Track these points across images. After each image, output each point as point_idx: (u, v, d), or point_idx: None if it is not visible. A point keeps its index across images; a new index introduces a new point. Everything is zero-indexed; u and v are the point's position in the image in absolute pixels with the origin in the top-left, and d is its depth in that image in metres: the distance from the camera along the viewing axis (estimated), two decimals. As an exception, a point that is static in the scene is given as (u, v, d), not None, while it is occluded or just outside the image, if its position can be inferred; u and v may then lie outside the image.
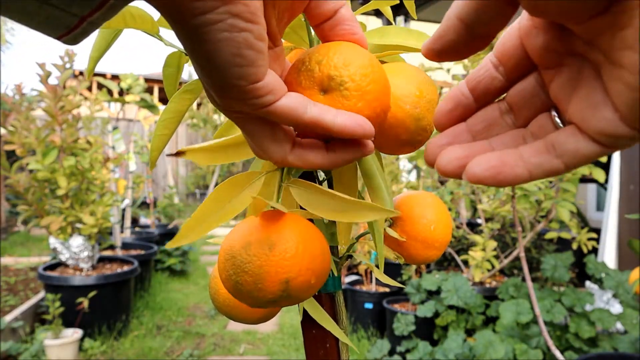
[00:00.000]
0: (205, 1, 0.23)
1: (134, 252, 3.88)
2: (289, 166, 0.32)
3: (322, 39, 0.32)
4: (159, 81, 8.19)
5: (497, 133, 0.28)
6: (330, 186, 0.44)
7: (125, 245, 4.06)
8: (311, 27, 0.33)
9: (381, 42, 0.39)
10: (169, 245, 0.38)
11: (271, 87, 0.27)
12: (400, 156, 3.44)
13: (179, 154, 0.40)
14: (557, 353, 1.73)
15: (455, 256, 2.96)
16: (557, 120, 0.26)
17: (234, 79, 0.26)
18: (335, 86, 0.31)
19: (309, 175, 0.43)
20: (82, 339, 2.70)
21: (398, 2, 0.42)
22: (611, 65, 0.22)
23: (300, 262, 0.31)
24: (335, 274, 0.47)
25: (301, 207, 0.36)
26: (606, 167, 2.86)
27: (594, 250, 3.20)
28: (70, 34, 0.23)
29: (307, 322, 0.46)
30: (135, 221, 5.59)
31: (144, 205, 6.21)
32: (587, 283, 2.79)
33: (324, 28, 0.31)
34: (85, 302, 2.70)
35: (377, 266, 0.44)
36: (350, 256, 0.48)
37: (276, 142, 0.31)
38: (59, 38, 0.23)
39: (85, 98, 3.26)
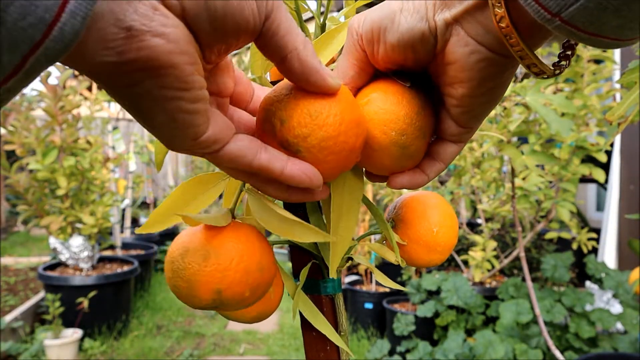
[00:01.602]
0: (131, 75, 0.24)
1: (134, 252, 3.88)
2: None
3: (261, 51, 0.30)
4: (158, 81, 8.16)
5: None
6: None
7: (125, 245, 4.06)
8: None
9: None
10: (139, 231, 0.40)
11: (214, 138, 0.28)
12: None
13: None
14: (557, 353, 1.73)
15: (455, 256, 2.96)
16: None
17: (177, 138, 0.27)
18: (293, 150, 0.31)
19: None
20: (82, 339, 2.70)
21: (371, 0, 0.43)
22: (444, 94, 0.34)
23: (232, 276, 0.32)
24: (335, 277, 0.46)
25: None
26: (606, 167, 2.86)
27: (594, 250, 3.20)
28: None
29: (307, 323, 0.46)
30: (135, 221, 5.59)
31: (144, 205, 6.21)
32: (587, 283, 2.79)
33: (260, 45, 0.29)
34: (85, 302, 2.70)
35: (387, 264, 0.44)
36: (350, 258, 0.48)
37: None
38: None
39: (85, 98, 3.26)
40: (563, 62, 0.31)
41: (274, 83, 0.43)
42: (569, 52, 0.31)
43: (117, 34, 0.22)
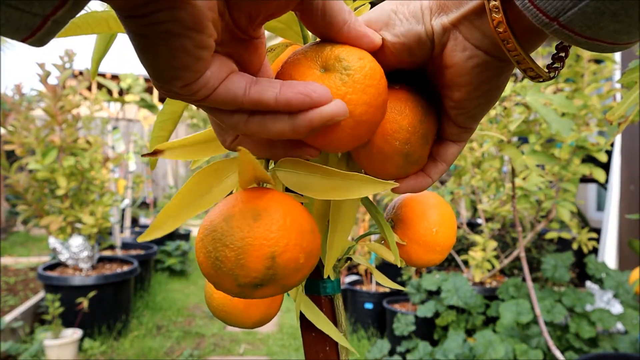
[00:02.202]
0: (149, 4, 0.23)
1: (133, 252, 3.88)
2: (248, 134, 0.30)
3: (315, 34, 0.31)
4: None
5: None
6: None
7: (125, 245, 4.06)
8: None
9: None
10: (142, 239, 0.35)
11: (204, 82, 0.27)
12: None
13: (156, 152, 0.37)
14: (558, 353, 1.73)
15: (456, 256, 2.96)
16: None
17: (168, 77, 0.26)
18: (339, 68, 0.29)
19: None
20: (81, 339, 2.69)
21: None
22: (442, 96, 0.34)
23: (288, 235, 0.28)
24: (333, 277, 0.46)
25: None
26: (606, 167, 2.86)
27: (595, 250, 3.20)
28: (34, 35, 0.21)
29: (306, 324, 0.46)
30: (135, 221, 5.59)
31: (144, 205, 6.21)
32: (588, 283, 2.79)
33: (312, 25, 0.30)
34: (84, 302, 2.70)
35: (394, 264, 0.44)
36: (350, 258, 0.48)
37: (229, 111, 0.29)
38: (23, 41, 0.22)
39: (85, 98, 3.26)
40: (557, 64, 0.32)
41: None
42: (562, 54, 0.32)
43: None
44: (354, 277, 3.27)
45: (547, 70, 0.31)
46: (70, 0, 0.20)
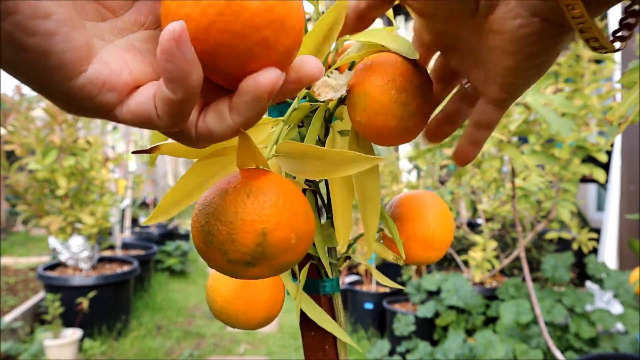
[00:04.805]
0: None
1: (133, 252, 3.88)
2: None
3: None
4: (159, 81, 8.15)
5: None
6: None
7: (125, 245, 4.06)
8: None
9: (364, 39, 0.38)
10: (147, 222, 0.36)
11: (102, 81, 0.22)
12: (400, 156, 3.44)
13: (152, 149, 0.36)
14: (558, 353, 1.73)
15: (456, 256, 2.96)
16: (467, 85, 0.38)
17: (45, 87, 0.22)
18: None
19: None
20: (81, 339, 2.69)
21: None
22: (487, 58, 0.31)
23: (280, 214, 0.28)
24: (331, 276, 0.46)
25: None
26: (606, 167, 2.85)
27: (595, 250, 3.20)
28: None
29: (306, 324, 0.46)
30: (135, 221, 5.58)
31: (144, 205, 6.21)
32: (588, 283, 2.79)
33: None
34: (84, 302, 2.70)
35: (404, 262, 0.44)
36: (349, 257, 0.48)
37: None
38: None
39: (85, 98, 3.25)
40: (623, 33, 0.28)
41: None
42: (631, 20, 0.27)
43: None
44: (354, 277, 3.27)
45: (611, 39, 0.28)
46: None
